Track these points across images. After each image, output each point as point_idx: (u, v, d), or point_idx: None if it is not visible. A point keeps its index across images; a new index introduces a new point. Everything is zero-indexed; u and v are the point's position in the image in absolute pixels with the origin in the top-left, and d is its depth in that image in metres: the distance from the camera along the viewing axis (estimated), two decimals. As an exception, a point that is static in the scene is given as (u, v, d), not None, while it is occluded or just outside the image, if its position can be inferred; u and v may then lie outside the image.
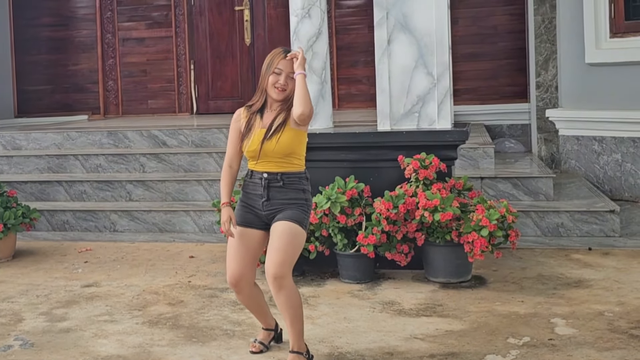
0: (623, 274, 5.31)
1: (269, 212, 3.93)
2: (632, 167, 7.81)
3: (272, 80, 3.90)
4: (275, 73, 3.90)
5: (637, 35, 7.79)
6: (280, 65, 3.90)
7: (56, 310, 4.99)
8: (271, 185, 3.91)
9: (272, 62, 3.91)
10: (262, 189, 3.92)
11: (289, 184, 3.92)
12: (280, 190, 3.91)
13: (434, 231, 5.24)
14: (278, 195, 3.91)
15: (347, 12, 10.01)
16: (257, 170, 3.95)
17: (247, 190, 4.00)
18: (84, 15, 10.70)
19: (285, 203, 3.91)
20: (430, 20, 5.63)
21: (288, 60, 3.90)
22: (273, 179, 3.91)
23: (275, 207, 3.92)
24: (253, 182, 3.97)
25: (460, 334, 4.29)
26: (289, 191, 3.92)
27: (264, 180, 3.91)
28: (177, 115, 10.45)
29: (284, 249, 3.80)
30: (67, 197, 7.74)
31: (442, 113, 5.65)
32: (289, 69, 3.89)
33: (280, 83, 3.89)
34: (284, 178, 3.91)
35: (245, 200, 4.00)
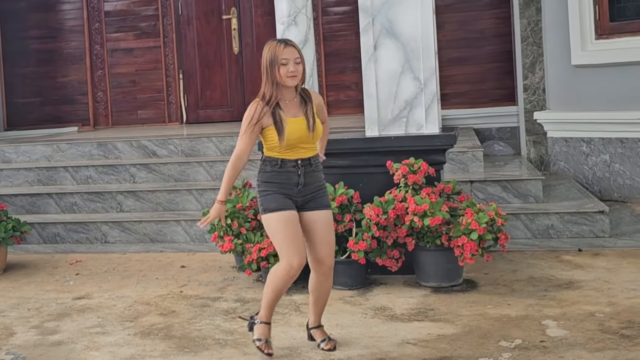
0: (613, 275, 5.33)
1: (303, 198, 4.13)
2: (620, 168, 7.84)
3: (283, 72, 4.06)
4: (283, 64, 4.05)
5: (622, 36, 7.84)
6: (284, 55, 4.06)
7: (48, 323, 4.98)
8: (307, 171, 4.12)
9: (275, 56, 4.06)
10: (298, 176, 4.10)
11: (316, 166, 4.18)
12: (313, 174, 4.15)
13: (424, 236, 5.25)
14: (311, 180, 4.14)
15: (334, 18, 10.04)
16: (289, 158, 4.09)
17: (277, 180, 4.10)
18: (72, 27, 10.71)
19: (316, 186, 4.16)
20: (415, 25, 5.65)
21: (289, 48, 4.08)
22: (307, 163, 4.12)
23: (309, 191, 4.14)
24: (286, 171, 4.10)
25: (453, 338, 4.30)
26: (318, 172, 4.20)
27: (300, 167, 4.10)
28: (167, 125, 10.46)
29: (333, 240, 4.19)
30: (57, 209, 7.73)
31: (430, 117, 5.66)
32: (294, 55, 4.08)
33: (291, 70, 4.06)
34: (312, 162, 4.15)
35: (277, 189, 4.09)
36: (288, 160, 4.09)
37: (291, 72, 4.05)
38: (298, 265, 4.00)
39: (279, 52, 4.05)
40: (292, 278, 4.06)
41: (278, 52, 4.05)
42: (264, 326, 4.21)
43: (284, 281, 4.06)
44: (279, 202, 4.07)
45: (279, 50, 4.05)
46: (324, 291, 4.21)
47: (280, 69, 4.05)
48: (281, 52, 4.05)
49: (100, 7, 10.63)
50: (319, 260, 4.13)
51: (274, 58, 4.05)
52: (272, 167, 4.10)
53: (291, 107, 4.12)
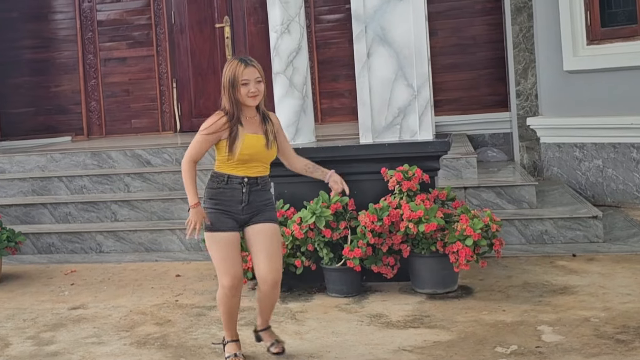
0: (608, 280, 5.34)
1: (245, 216, 4.15)
2: (613, 173, 7.88)
3: (244, 92, 4.08)
4: (244, 84, 4.08)
5: (614, 41, 7.88)
6: (245, 75, 4.08)
7: (43, 334, 4.97)
8: (252, 189, 4.13)
9: (236, 75, 4.08)
10: (243, 194, 4.12)
11: (264, 186, 4.20)
12: (258, 192, 4.17)
13: (419, 242, 5.26)
14: (257, 198, 4.17)
15: (327, 26, 10.06)
16: (236, 174, 4.11)
17: (221, 198, 4.13)
18: (65, 36, 10.70)
19: (261, 204, 4.18)
20: (408, 33, 5.67)
21: (250, 68, 4.10)
22: (253, 182, 4.15)
23: (253, 209, 4.16)
24: (231, 188, 4.12)
25: (448, 345, 4.31)
26: (264, 192, 4.21)
27: (245, 184, 4.12)
28: (161, 133, 10.45)
29: (278, 254, 4.16)
30: (52, 219, 7.72)
31: (424, 124, 5.69)
32: (254, 75, 4.10)
33: (252, 90, 4.10)
34: (260, 182, 4.17)
35: (221, 208, 4.12)
36: (235, 177, 4.11)
37: (252, 92, 4.08)
38: (228, 284, 4.07)
39: (239, 72, 4.07)
40: (230, 297, 4.12)
41: (238, 72, 4.07)
42: (231, 344, 4.28)
43: (223, 301, 4.15)
44: (220, 222, 4.10)
45: (239, 71, 4.07)
46: (270, 303, 4.25)
47: (241, 89, 4.08)
48: (241, 72, 4.07)
49: (93, 17, 10.63)
50: (262, 276, 4.11)
51: (234, 78, 4.08)
52: (218, 183, 4.13)
53: (252, 124, 4.16)
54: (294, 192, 5.68)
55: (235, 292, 4.12)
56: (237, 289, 4.12)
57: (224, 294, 4.12)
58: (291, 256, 5.38)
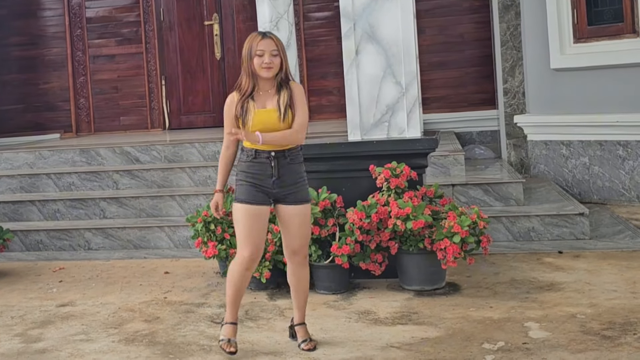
0: (594, 276, 5.38)
1: (278, 190, 4.16)
2: (599, 170, 7.93)
3: (257, 62, 4.12)
4: (258, 55, 4.11)
5: (600, 40, 7.93)
6: (260, 46, 4.12)
7: (31, 331, 4.97)
8: (280, 163, 4.14)
9: (252, 47, 4.13)
10: (272, 168, 4.13)
11: (293, 159, 4.19)
12: (289, 166, 4.17)
13: (407, 239, 5.29)
14: (287, 172, 4.16)
15: (315, 24, 10.07)
16: (262, 149, 4.13)
17: (252, 171, 4.15)
18: (53, 33, 10.67)
19: (293, 179, 4.18)
20: (396, 30, 5.69)
21: (267, 40, 4.13)
22: (281, 156, 4.15)
23: (285, 184, 4.16)
24: (260, 162, 4.14)
25: (436, 341, 4.33)
26: (295, 165, 4.20)
27: (273, 158, 4.13)
28: (150, 131, 10.44)
29: (308, 233, 4.28)
30: (40, 216, 7.71)
31: (412, 122, 5.71)
32: (270, 47, 4.12)
33: (266, 62, 4.12)
34: (289, 154, 4.16)
35: (251, 180, 4.15)
36: (262, 152, 4.13)
37: (266, 64, 4.11)
38: (249, 255, 4.11)
39: (255, 44, 4.12)
40: (245, 269, 4.15)
41: (255, 43, 4.12)
42: (228, 326, 4.29)
43: (238, 272, 4.17)
44: (249, 194, 4.13)
45: (256, 42, 4.12)
46: (300, 279, 4.31)
47: (254, 60, 4.11)
48: (257, 43, 4.12)
49: (82, 14, 10.61)
50: (293, 251, 4.25)
51: (250, 49, 4.13)
52: (247, 157, 4.16)
53: (264, 98, 4.17)
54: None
55: (253, 264, 4.16)
56: (255, 262, 4.17)
57: (240, 264, 4.14)
58: (279, 253, 5.39)
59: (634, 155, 7.67)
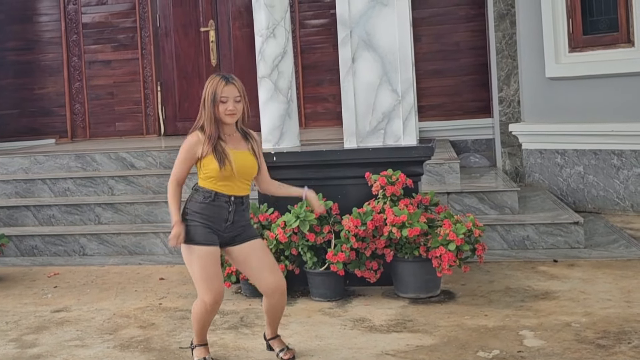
0: (588, 285, 5.40)
1: (229, 234, 4.14)
2: (594, 179, 7.95)
3: (222, 109, 4.08)
4: (222, 102, 4.08)
5: (595, 49, 7.96)
6: (224, 93, 4.08)
7: (26, 337, 4.96)
8: (237, 209, 4.13)
9: (216, 92, 4.08)
10: (229, 213, 4.10)
11: (247, 206, 4.21)
12: (242, 213, 4.17)
13: (403, 247, 5.29)
14: (240, 219, 4.16)
15: (311, 31, 10.09)
16: (224, 193, 4.09)
17: (206, 213, 4.08)
18: (49, 38, 10.67)
19: (243, 225, 4.18)
20: (393, 38, 5.71)
21: (230, 86, 4.10)
22: (239, 202, 4.14)
23: (236, 229, 4.15)
24: (217, 205, 4.09)
25: (431, 349, 4.34)
26: (246, 212, 4.21)
27: (232, 204, 4.11)
28: (145, 137, 10.43)
29: (274, 262, 4.20)
30: (35, 221, 7.70)
31: (408, 129, 5.72)
32: (234, 94, 4.10)
33: (230, 109, 4.09)
34: (244, 201, 4.18)
35: (205, 221, 4.08)
36: (222, 195, 4.09)
37: (229, 110, 4.07)
38: (211, 302, 4.05)
39: (219, 90, 4.07)
40: (210, 312, 4.11)
41: (219, 89, 4.07)
42: (199, 348, 4.27)
43: (202, 315, 4.13)
44: (204, 235, 4.07)
45: (220, 88, 4.07)
46: (279, 311, 4.26)
47: (219, 107, 4.08)
48: (221, 89, 4.07)
49: (78, 19, 10.61)
50: (272, 288, 4.13)
51: (214, 95, 4.08)
52: (205, 198, 4.09)
53: (232, 141, 4.15)
54: (278, 196, 5.69)
55: (217, 307, 4.10)
56: (219, 304, 4.10)
57: (204, 309, 4.08)
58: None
59: (628, 165, 7.70)
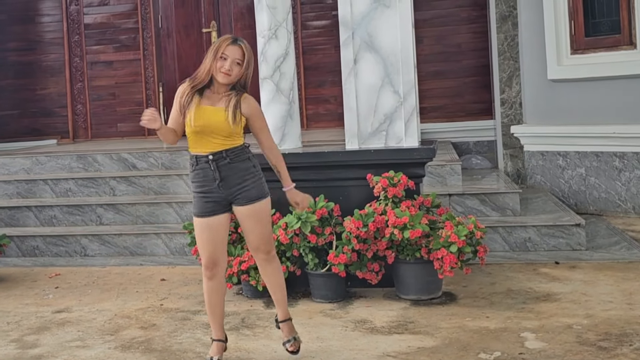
0: (590, 287, 5.39)
1: (227, 192, 4.11)
2: (595, 181, 7.95)
3: (218, 65, 4.07)
4: (222, 58, 4.07)
5: (597, 51, 7.96)
6: (227, 51, 4.07)
7: (27, 337, 4.96)
8: (220, 164, 4.08)
9: (219, 47, 4.08)
10: (212, 172, 4.09)
11: (235, 158, 4.10)
12: (230, 166, 4.10)
13: (404, 249, 5.29)
14: (230, 172, 4.10)
15: (313, 32, 10.10)
16: (201, 153, 4.10)
17: (197, 179, 4.13)
18: (51, 39, 10.68)
19: (239, 177, 4.11)
20: (395, 40, 5.71)
21: (235, 47, 4.08)
22: (220, 157, 4.09)
23: (232, 185, 4.10)
24: (201, 168, 4.10)
25: (432, 351, 4.33)
26: (238, 164, 4.11)
27: (212, 162, 4.08)
28: (147, 138, 10.44)
29: (266, 230, 4.18)
30: (36, 222, 7.70)
31: (409, 131, 5.72)
32: (235, 55, 4.07)
33: (226, 68, 4.07)
34: (229, 154, 4.09)
35: (200, 190, 4.13)
36: (200, 156, 4.10)
37: (225, 69, 4.06)
38: (204, 264, 4.16)
39: (222, 47, 4.07)
40: (207, 279, 4.17)
41: (222, 46, 4.07)
42: (214, 344, 4.28)
43: (204, 283, 4.19)
44: (199, 207, 4.15)
45: (224, 45, 4.07)
46: (269, 276, 4.26)
47: (217, 62, 4.07)
48: (225, 47, 4.07)
49: (80, 20, 10.62)
50: (254, 249, 4.21)
51: (217, 48, 4.08)
52: (191, 166, 4.16)
53: (215, 99, 4.12)
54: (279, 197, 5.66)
55: (211, 272, 4.14)
56: (213, 270, 4.14)
57: (203, 276, 4.18)
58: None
59: (630, 167, 7.69)
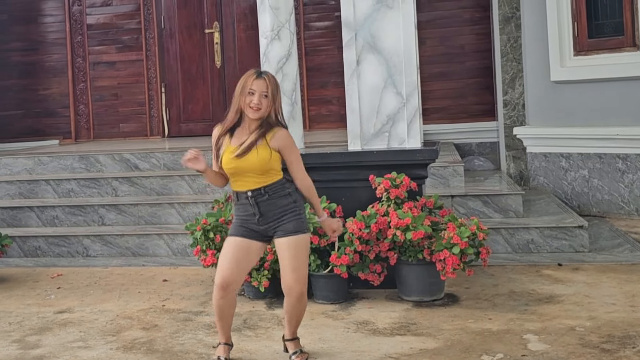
0: (593, 289, 5.38)
1: (266, 226, 4.15)
2: (599, 183, 7.93)
3: (247, 101, 4.09)
4: (250, 93, 4.08)
5: (600, 53, 7.95)
6: (254, 86, 4.08)
7: (29, 338, 4.96)
8: (259, 201, 4.11)
9: (245, 83, 4.11)
10: (252, 207, 4.13)
11: (273, 194, 4.12)
12: (269, 202, 4.12)
13: (407, 250, 5.28)
14: (269, 208, 4.13)
15: (316, 33, 10.09)
16: (240, 190, 4.15)
17: (239, 214, 4.20)
18: (54, 39, 10.69)
19: (278, 213, 4.13)
20: (398, 41, 5.70)
21: (260, 80, 4.10)
22: (258, 194, 4.12)
23: (271, 219, 4.14)
24: (242, 204, 4.17)
25: (435, 352, 4.33)
26: (277, 199, 4.13)
27: (251, 198, 4.12)
28: (149, 138, 10.44)
29: (302, 266, 4.13)
30: (39, 222, 7.70)
31: (412, 132, 5.71)
32: (261, 88, 4.08)
33: (255, 102, 4.07)
34: (267, 191, 4.12)
35: (239, 220, 4.20)
36: (241, 193, 4.16)
37: (254, 104, 4.07)
38: (218, 283, 4.12)
39: (249, 82, 4.09)
40: (217, 298, 4.14)
41: (249, 81, 4.09)
42: (220, 347, 4.30)
43: (213, 298, 4.18)
44: (235, 228, 4.19)
45: (250, 80, 4.09)
46: (295, 313, 4.25)
47: (245, 98, 4.09)
48: (251, 82, 4.09)
49: (83, 20, 10.62)
50: (288, 287, 4.13)
51: (244, 85, 4.10)
52: (233, 201, 4.23)
53: (244, 137, 4.14)
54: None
55: (221, 293, 4.13)
56: (224, 291, 4.12)
57: (215, 291, 4.16)
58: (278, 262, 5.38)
59: (633, 169, 7.68)
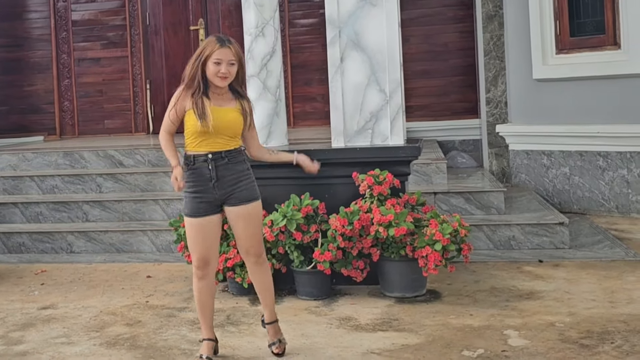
0: (573, 285, 5.44)
1: (221, 192, 4.16)
2: (579, 180, 8.00)
3: (214, 70, 4.08)
4: (216, 63, 4.07)
5: (582, 51, 8.01)
6: (220, 55, 4.07)
7: (12, 334, 4.96)
8: (218, 164, 4.13)
9: (210, 54, 4.07)
10: (210, 171, 4.13)
11: (232, 159, 4.17)
12: (227, 166, 4.15)
13: (389, 246, 5.32)
14: (226, 173, 4.15)
15: (301, 30, 10.11)
16: (199, 152, 4.14)
17: (192, 179, 4.16)
18: (38, 35, 10.65)
19: (234, 179, 4.17)
20: (381, 38, 5.73)
21: (225, 49, 4.09)
22: (218, 157, 4.14)
23: (226, 185, 4.16)
24: (198, 167, 4.14)
25: (416, 348, 4.37)
26: (235, 165, 4.18)
27: (211, 161, 4.13)
28: (134, 135, 10.43)
29: (254, 232, 4.22)
30: (22, 218, 7.69)
31: (395, 129, 5.74)
32: (228, 57, 4.09)
33: (222, 72, 4.09)
34: (227, 155, 4.15)
35: (193, 190, 4.16)
36: (199, 155, 4.14)
37: (222, 74, 4.08)
38: (195, 263, 4.19)
39: (212, 51, 4.07)
40: (198, 279, 4.21)
41: (213, 50, 4.07)
42: (204, 343, 4.31)
43: (194, 283, 4.25)
44: (192, 208, 4.17)
45: (214, 50, 4.07)
46: (260, 280, 4.31)
47: (211, 67, 4.08)
48: (216, 51, 4.07)
49: (68, 17, 10.59)
50: (244, 252, 4.26)
51: (206, 54, 4.08)
52: (187, 165, 4.18)
53: (220, 100, 4.16)
54: (265, 195, 5.67)
55: (202, 272, 4.18)
56: (204, 270, 4.18)
57: (194, 276, 4.21)
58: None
59: (613, 166, 7.76)
